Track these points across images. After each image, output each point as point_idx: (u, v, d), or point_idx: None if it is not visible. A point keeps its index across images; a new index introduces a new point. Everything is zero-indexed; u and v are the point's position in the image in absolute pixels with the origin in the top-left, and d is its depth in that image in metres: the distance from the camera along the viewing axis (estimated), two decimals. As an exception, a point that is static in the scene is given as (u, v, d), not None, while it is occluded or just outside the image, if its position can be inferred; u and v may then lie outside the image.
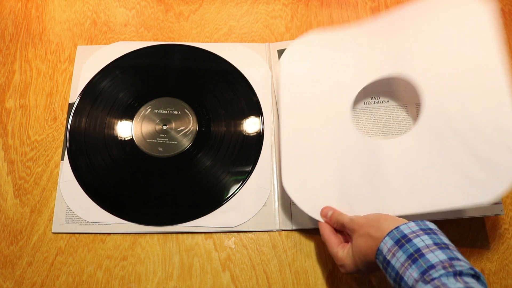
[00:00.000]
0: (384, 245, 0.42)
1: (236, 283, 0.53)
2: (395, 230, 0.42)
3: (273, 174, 0.58)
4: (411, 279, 0.38)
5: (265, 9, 0.71)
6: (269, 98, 0.63)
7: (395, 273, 0.40)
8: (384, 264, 0.41)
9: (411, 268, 0.38)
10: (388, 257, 0.41)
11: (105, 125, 0.61)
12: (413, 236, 0.41)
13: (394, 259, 0.40)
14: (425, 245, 0.40)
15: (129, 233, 0.56)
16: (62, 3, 0.70)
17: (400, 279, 0.39)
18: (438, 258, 0.38)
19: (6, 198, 0.58)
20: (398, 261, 0.40)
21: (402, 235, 0.41)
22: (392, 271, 0.40)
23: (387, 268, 0.41)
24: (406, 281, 0.38)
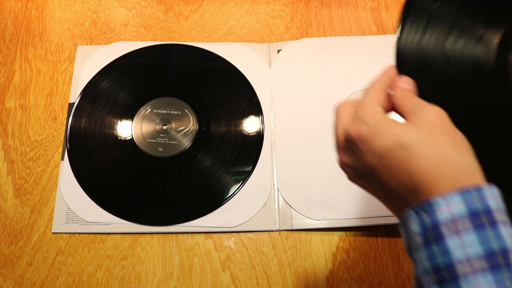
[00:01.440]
0: (445, 204, 0.26)
1: (236, 283, 0.53)
2: (473, 190, 0.26)
3: (273, 174, 0.58)
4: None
5: (265, 9, 0.71)
6: (269, 98, 0.63)
7: (444, 263, 0.26)
8: (428, 233, 0.27)
9: (484, 276, 0.25)
10: (444, 230, 0.26)
11: (105, 125, 0.61)
12: (500, 218, 0.26)
13: (456, 241, 0.26)
14: (466, 259, 0.25)
15: (129, 233, 0.56)
16: (62, 3, 0.70)
17: (451, 277, 0.26)
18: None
19: (6, 198, 0.58)
20: (462, 248, 0.26)
21: (485, 207, 0.26)
22: (441, 256, 0.26)
23: (431, 244, 0.27)
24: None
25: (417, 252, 0.28)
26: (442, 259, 0.26)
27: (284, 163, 0.59)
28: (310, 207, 0.56)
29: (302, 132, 0.61)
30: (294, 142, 0.60)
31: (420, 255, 0.27)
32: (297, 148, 0.60)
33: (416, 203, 0.28)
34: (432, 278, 0.27)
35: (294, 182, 0.58)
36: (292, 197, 0.57)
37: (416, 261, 0.28)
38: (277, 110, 0.62)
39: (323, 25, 0.69)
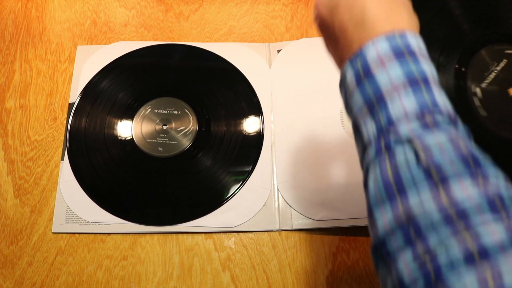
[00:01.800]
0: (373, 48, 0.29)
1: (236, 283, 0.53)
2: (398, 35, 0.29)
3: (273, 174, 0.58)
4: (400, 110, 0.28)
5: (265, 9, 0.71)
6: (269, 98, 0.63)
7: (374, 92, 0.29)
8: (361, 75, 0.30)
9: (406, 95, 0.28)
10: (373, 67, 0.29)
11: (105, 125, 0.61)
12: (421, 58, 0.29)
13: (382, 72, 0.29)
14: (432, 77, 0.29)
15: (129, 233, 0.56)
16: (62, 3, 0.70)
17: (379, 102, 0.29)
18: (445, 101, 0.28)
19: (6, 198, 0.58)
20: (388, 76, 0.28)
21: (407, 47, 0.29)
22: (371, 88, 0.29)
23: (363, 82, 0.30)
24: (389, 109, 0.28)
25: (352, 98, 0.30)
26: (371, 89, 0.29)
27: (284, 163, 0.59)
28: (310, 207, 0.56)
29: (302, 132, 0.61)
30: (294, 142, 0.60)
31: (355, 97, 0.30)
32: (297, 148, 0.60)
33: (353, 53, 0.31)
34: (364, 111, 0.29)
35: (294, 182, 0.58)
36: (292, 197, 0.57)
37: (352, 108, 0.31)
38: (277, 110, 0.62)
39: (323, 25, 0.69)
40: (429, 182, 0.25)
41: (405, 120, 0.27)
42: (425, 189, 0.25)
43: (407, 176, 0.26)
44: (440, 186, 0.25)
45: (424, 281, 0.23)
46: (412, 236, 0.25)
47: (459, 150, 0.26)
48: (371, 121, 0.29)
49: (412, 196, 0.25)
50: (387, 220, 0.26)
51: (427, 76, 0.28)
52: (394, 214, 0.26)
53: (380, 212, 0.27)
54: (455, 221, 0.24)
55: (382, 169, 0.27)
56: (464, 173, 0.25)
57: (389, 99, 0.28)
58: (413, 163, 0.26)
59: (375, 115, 0.29)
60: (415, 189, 0.25)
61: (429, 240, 0.24)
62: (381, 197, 0.27)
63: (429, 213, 0.24)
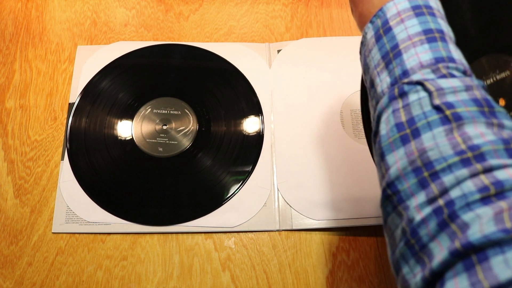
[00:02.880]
0: (393, 4, 0.30)
1: (236, 283, 0.53)
2: (379, 13, 0.30)
3: (273, 174, 0.58)
4: (416, 60, 0.28)
5: (265, 9, 0.71)
6: (269, 98, 0.63)
7: (391, 46, 0.29)
8: (380, 31, 0.30)
9: (422, 46, 0.28)
10: (392, 22, 0.30)
11: (105, 125, 0.61)
12: (438, 13, 0.30)
13: (401, 26, 0.29)
14: (449, 35, 0.29)
15: (129, 233, 0.56)
16: (62, 3, 0.70)
17: (395, 55, 0.29)
18: (460, 57, 0.28)
19: (6, 198, 0.58)
20: (405, 30, 0.29)
21: (426, 3, 0.29)
22: (389, 42, 0.30)
23: (381, 37, 0.30)
24: (404, 60, 0.28)
25: (370, 55, 0.31)
26: (388, 44, 0.29)
27: (284, 163, 0.59)
28: (310, 207, 0.56)
29: (302, 132, 0.61)
30: (294, 142, 0.60)
31: (372, 54, 0.30)
32: (297, 148, 0.60)
33: (374, 13, 0.31)
34: (381, 65, 0.29)
35: (294, 182, 0.58)
36: (292, 197, 0.57)
37: (370, 66, 0.31)
38: (277, 110, 0.62)
39: (323, 25, 0.69)
40: (443, 122, 0.24)
41: (420, 70, 0.27)
42: (439, 129, 0.24)
43: (419, 115, 0.25)
44: (454, 126, 0.24)
45: (437, 219, 0.23)
46: (427, 177, 0.24)
47: (474, 96, 0.25)
48: (386, 75, 0.29)
49: (425, 134, 0.25)
50: (399, 161, 0.25)
51: (444, 32, 0.28)
52: (408, 155, 0.25)
53: (393, 154, 0.26)
54: (471, 161, 0.23)
55: (394, 112, 0.27)
56: (478, 116, 0.24)
57: (404, 51, 0.28)
58: (426, 102, 0.25)
59: (390, 68, 0.29)
60: (428, 128, 0.25)
61: (444, 180, 0.23)
62: (394, 138, 0.26)
63: (444, 152, 0.23)
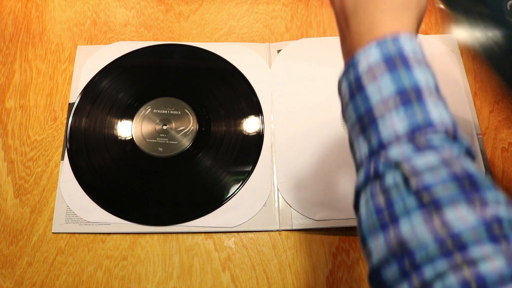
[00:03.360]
0: (364, 58, 0.28)
1: (236, 283, 0.53)
2: (390, 40, 0.27)
3: (273, 174, 0.58)
4: (391, 131, 0.26)
5: (265, 9, 0.71)
6: (269, 98, 0.63)
7: (365, 109, 0.28)
8: (353, 88, 0.28)
9: (397, 113, 0.26)
10: (364, 79, 0.28)
11: (105, 125, 0.61)
12: (414, 64, 0.27)
13: (373, 86, 0.27)
14: (427, 87, 0.26)
15: (129, 233, 0.56)
16: (62, 3, 0.70)
17: (370, 122, 0.27)
18: (442, 117, 0.26)
19: (6, 198, 0.58)
20: (378, 91, 0.27)
21: (400, 53, 0.27)
22: (362, 104, 0.28)
23: (355, 96, 0.28)
24: (380, 130, 0.27)
25: (347, 110, 0.29)
26: (363, 106, 0.27)
27: (284, 163, 0.59)
28: (310, 207, 0.56)
29: (302, 132, 0.61)
30: (294, 142, 0.60)
31: (349, 111, 0.29)
32: (297, 148, 0.60)
33: (346, 62, 0.29)
34: (357, 129, 0.28)
35: (294, 182, 0.58)
36: (292, 197, 0.57)
37: (347, 120, 0.30)
38: (277, 110, 0.62)
39: (323, 25, 0.69)
40: (421, 209, 0.24)
41: (396, 143, 0.26)
42: (418, 217, 0.24)
43: (398, 202, 0.25)
44: (433, 212, 0.23)
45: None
46: (407, 267, 0.23)
47: (453, 171, 0.24)
48: (363, 142, 0.28)
49: (404, 224, 0.24)
50: (380, 250, 0.25)
51: (420, 87, 0.26)
52: (387, 244, 0.25)
53: (374, 241, 0.26)
54: (451, 251, 0.22)
55: (373, 196, 0.26)
56: (458, 197, 0.23)
57: (380, 119, 0.27)
58: (403, 188, 0.25)
59: (367, 135, 0.27)
60: (407, 216, 0.24)
61: (425, 272, 0.23)
62: (374, 225, 0.26)
63: (423, 243, 0.23)
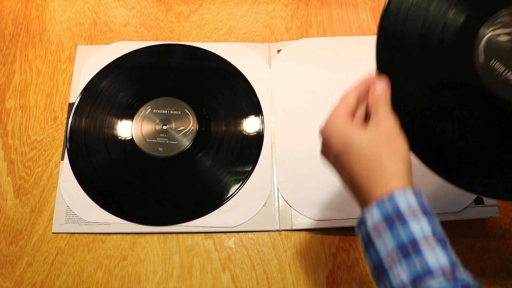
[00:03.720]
0: (369, 216, 0.33)
1: (236, 283, 0.53)
2: (387, 199, 0.32)
3: (273, 174, 0.58)
4: (398, 280, 0.30)
5: (265, 9, 0.71)
6: (269, 98, 0.63)
7: (377, 261, 0.32)
8: (366, 241, 0.33)
9: (400, 265, 0.30)
10: (373, 235, 0.32)
11: (105, 125, 0.61)
12: (410, 217, 0.31)
13: (380, 241, 0.32)
14: (423, 236, 0.30)
15: (129, 233, 0.56)
16: (62, 3, 0.70)
17: (383, 271, 0.31)
18: (439, 261, 0.30)
19: (6, 198, 0.58)
20: (384, 246, 0.31)
21: (396, 211, 0.31)
22: (375, 256, 0.32)
23: (369, 248, 0.33)
24: (390, 279, 0.30)
25: (366, 258, 0.35)
26: (375, 258, 0.32)
27: (284, 163, 0.59)
28: (310, 207, 0.56)
29: (302, 132, 0.61)
30: (294, 142, 0.60)
31: (367, 258, 0.34)
32: (297, 148, 0.60)
33: (359, 216, 0.35)
34: (375, 275, 0.33)
35: (294, 182, 0.58)
36: (292, 197, 0.57)
37: (368, 265, 0.35)
38: (277, 110, 0.62)
39: (323, 25, 0.69)
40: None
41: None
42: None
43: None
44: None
45: None
46: None
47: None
48: (397, 270, 0.31)
49: None
50: None
51: (416, 239, 0.31)
52: None
53: None
54: None
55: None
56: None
57: (389, 270, 0.31)
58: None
59: (382, 281, 0.32)
60: None
61: None
62: None
63: None
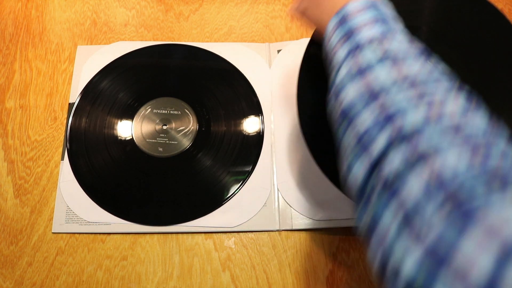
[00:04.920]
0: (329, 25, 0.38)
1: (236, 283, 0.53)
2: (340, 10, 0.38)
3: (273, 174, 0.58)
4: (340, 58, 0.36)
5: (265, 9, 0.71)
6: (269, 98, 0.63)
7: (329, 61, 0.38)
8: (325, 48, 0.39)
9: (339, 50, 0.36)
10: (326, 40, 0.38)
11: (105, 125, 0.61)
12: (351, 16, 0.37)
13: (330, 43, 0.38)
14: (363, 22, 0.35)
15: (129, 233, 0.56)
16: (62, 3, 0.70)
17: (331, 58, 0.37)
18: (370, 32, 0.35)
19: (6, 198, 0.58)
20: (332, 44, 0.37)
21: (343, 16, 0.37)
22: (328, 59, 0.38)
23: (326, 50, 0.38)
24: (333, 64, 0.36)
25: (330, 40, 0.38)
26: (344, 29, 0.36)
27: (284, 163, 0.59)
28: (310, 207, 0.56)
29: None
30: (294, 142, 0.60)
31: (332, 39, 0.37)
32: (297, 148, 0.60)
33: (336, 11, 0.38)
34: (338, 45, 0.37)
35: (294, 182, 0.58)
36: (292, 197, 0.57)
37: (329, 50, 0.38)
38: (277, 110, 0.62)
39: (323, 25, 0.69)
40: (387, 61, 0.33)
41: (368, 43, 0.34)
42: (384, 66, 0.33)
43: (371, 59, 0.33)
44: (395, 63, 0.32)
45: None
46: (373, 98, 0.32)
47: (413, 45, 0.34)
48: (341, 49, 0.36)
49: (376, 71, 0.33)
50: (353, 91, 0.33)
51: (358, 23, 0.36)
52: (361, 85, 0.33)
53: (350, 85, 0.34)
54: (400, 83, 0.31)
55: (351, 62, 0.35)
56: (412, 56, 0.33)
57: (357, 32, 0.35)
58: (376, 53, 0.33)
59: (345, 44, 0.35)
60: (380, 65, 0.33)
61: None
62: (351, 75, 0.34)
63: (383, 82, 0.32)
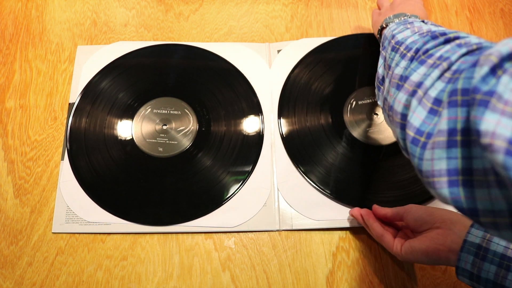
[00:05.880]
0: (464, 262, 0.40)
1: (236, 283, 0.53)
2: (466, 244, 0.40)
3: (273, 174, 0.58)
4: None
5: (265, 9, 0.71)
6: (269, 98, 0.63)
7: (492, 285, 0.39)
8: (474, 279, 0.40)
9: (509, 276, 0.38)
10: (475, 271, 0.40)
11: (105, 125, 0.61)
12: (486, 244, 0.39)
13: (483, 272, 0.39)
14: (505, 247, 0.38)
15: (129, 233, 0.56)
16: (62, 3, 0.70)
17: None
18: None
19: (6, 198, 0.58)
20: (489, 273, 0.39)
21: (476, 247, 0.40)
22: (488, 284, 0.39)
23: (480, 281, 0.40)
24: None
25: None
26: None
27: (284, 163, 0.59)
28: (310, 207, 0.56)
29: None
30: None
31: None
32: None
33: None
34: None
35: (294, 182, 0.58)
36: (292, 197, 0.57)
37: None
38: (277, 110, 0.62)
39: (323, 25, 0.69)
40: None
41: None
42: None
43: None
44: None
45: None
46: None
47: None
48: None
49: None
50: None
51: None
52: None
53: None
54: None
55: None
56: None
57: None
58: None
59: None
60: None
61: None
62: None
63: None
